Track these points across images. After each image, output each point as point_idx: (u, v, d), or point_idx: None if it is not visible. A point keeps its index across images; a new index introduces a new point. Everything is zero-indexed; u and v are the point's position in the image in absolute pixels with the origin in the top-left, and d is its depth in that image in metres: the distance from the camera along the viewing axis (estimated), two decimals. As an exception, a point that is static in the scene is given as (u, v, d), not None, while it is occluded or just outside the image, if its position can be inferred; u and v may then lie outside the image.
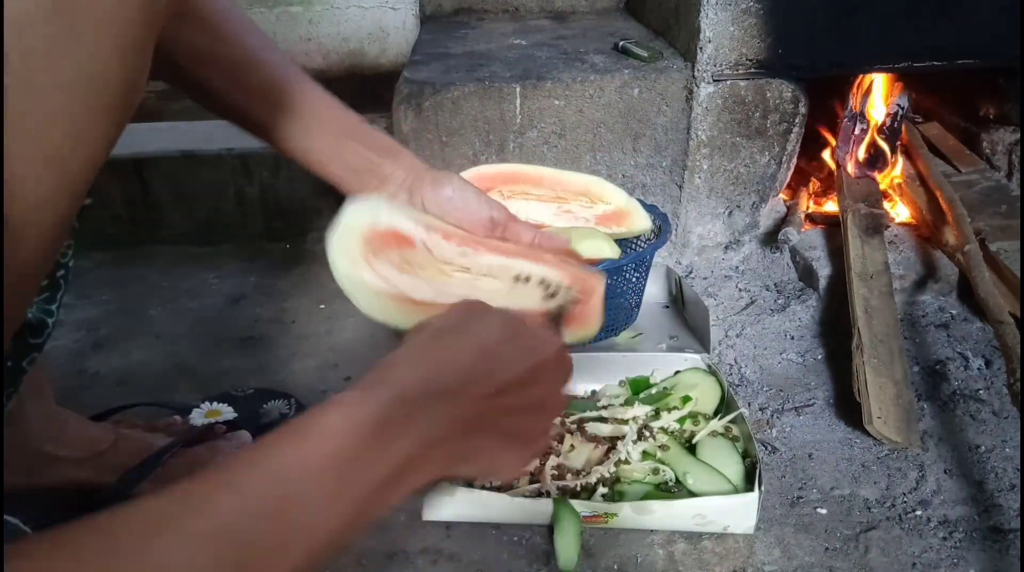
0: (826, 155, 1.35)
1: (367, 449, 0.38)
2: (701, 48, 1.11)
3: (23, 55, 0.33)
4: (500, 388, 0.46)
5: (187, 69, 0.60)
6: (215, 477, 0.34)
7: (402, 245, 0.60)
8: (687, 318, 1.07)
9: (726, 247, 1.25)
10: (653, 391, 0.89)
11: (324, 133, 0.64)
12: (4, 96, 0.33)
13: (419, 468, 0.41)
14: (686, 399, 0.86)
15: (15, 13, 0.33)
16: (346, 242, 0.58)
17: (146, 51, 0.39)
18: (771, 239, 1.23)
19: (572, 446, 0.81)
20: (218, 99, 0.62)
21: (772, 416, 0.91)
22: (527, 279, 0.63)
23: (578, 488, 0.76)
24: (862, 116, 1.26)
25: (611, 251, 0.93)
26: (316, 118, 0.64)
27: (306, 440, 0.37)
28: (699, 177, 1.19)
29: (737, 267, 1.22)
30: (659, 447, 0.79)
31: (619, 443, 0.80)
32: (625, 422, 0.82)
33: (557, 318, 0.62)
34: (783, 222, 1.22)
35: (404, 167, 0.65)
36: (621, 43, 1.24)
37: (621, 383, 0.92)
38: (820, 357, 1.01)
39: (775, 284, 1.16)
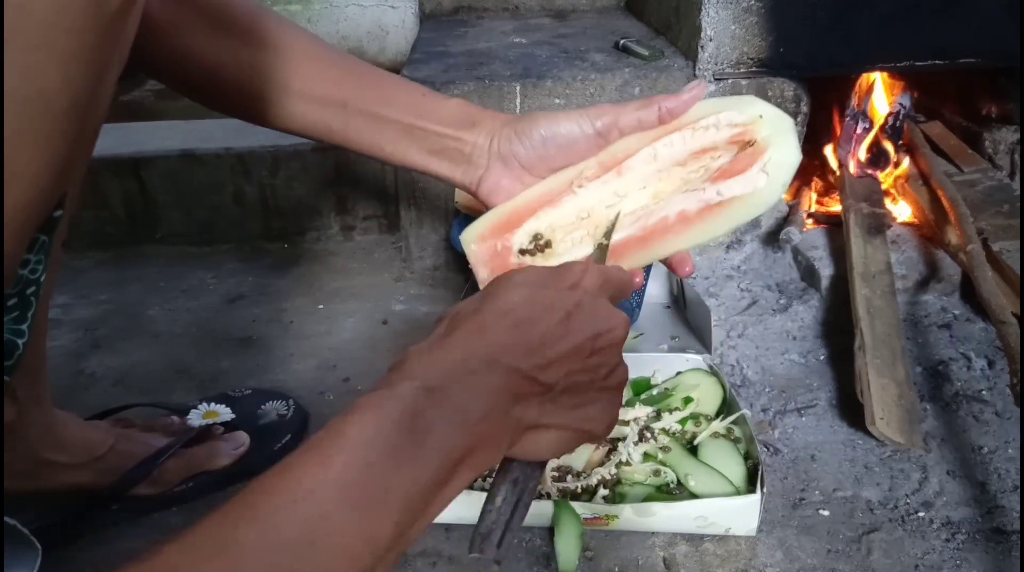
0: (828, 154, 1.35)
1: (398, 450, 0.34)
2: (702, 47, 1.10)
3: None
4: (534, 351, 0.41)
5: (229, 78, 0.59)
6: (234, 512, 0.31)
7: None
8: (688, 318, 1.06)
9: (728, 247, 1.24)
10: (654, 392, 0.89)
11: (389, 123, 0.60)
12: None
13: (473, 452, 0.37)
14: (687, 400, 0.85)
15: None
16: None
17: (99, 62, 0.35)
18: (773, 239, 1.22)
19: (573, 447, 0.80)
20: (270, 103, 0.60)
21: (774, 417, 0.90)
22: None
23: (579, 490, 0.76)
24: (864, 115, 1.25)
25: None
26: (381, 103, 0.60)
27: (327, 456, 0.33)
28: (700, 176, 1.19)
29: (739, 267, 1.21)
30: (660, 448, 0.79)
31: (620, 445, 0.79)
32: (626, 423, 0.82)
33: (600, 254, 0.57)
34: (785, 222, 1.22)
35: (486, 132, 0.59)
36: (622, 42, 1.24)
37: (622, 384, 0.92)
38: (822, 358, 1.00)
39: (777, 284, 1.16)
